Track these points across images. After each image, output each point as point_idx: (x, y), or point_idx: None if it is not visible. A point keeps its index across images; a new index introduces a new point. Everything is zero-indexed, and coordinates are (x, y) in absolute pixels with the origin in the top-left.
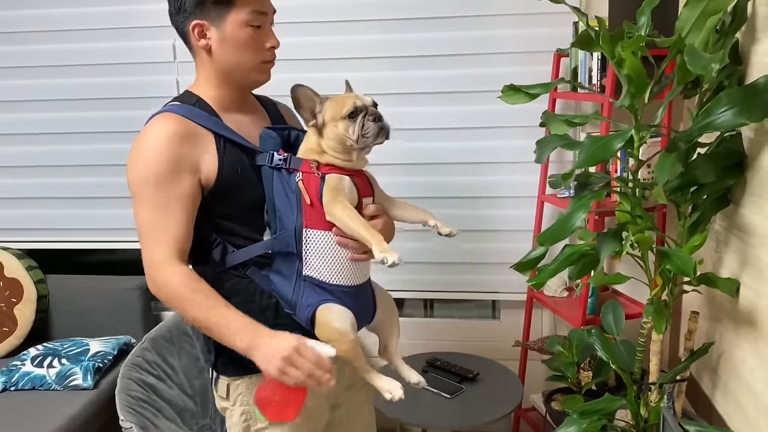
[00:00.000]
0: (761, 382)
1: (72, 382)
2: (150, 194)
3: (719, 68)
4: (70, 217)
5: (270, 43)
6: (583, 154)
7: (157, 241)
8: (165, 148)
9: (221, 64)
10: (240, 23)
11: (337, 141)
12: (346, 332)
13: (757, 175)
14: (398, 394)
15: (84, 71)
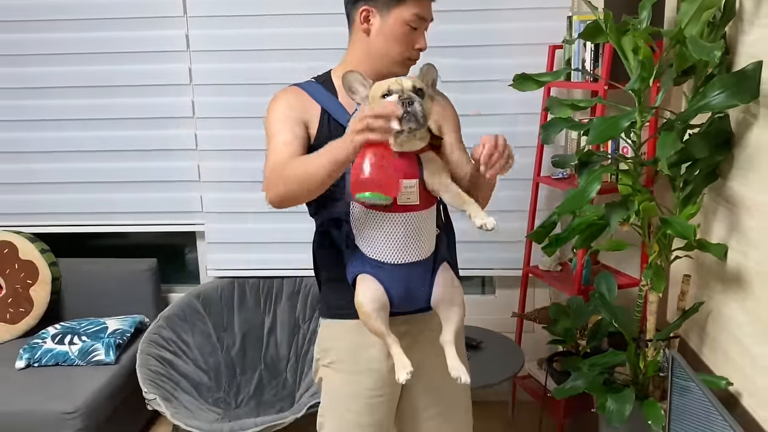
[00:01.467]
0: (749, 335)
1: (95, 358)
2: (276, 129)
3: (720, 55)
4: (80, 201)
5: (419, 45)
6: (594, 132)
7: (272, 160)
8: (281, 106)
9: (373, 48)
10: (402, 20)
11: None
12: (362, 304)
13: (744, 151)
14: (402, 377)
15: (96, 59)
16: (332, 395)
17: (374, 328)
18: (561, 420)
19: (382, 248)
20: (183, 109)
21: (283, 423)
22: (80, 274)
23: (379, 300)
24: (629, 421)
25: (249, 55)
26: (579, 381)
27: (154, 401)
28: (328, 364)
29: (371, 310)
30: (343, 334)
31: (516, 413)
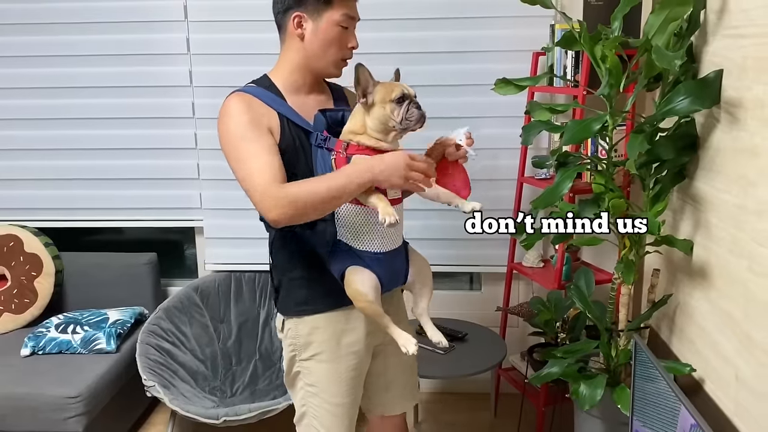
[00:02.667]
0: (711, 323)
1: (96, 346)
2: (243, 148)
3: (680, 63)
4: (83, 197)
5: (351, 44)
6: (568, 133)
7: (267, 180)
8: (242, 113)
9: (308, 52)
10: (333, 22)
11: (381, 121)
12: (365, 293)
13: (707, 153)
14: (412, 349)
15: (100, 61)
16: (314, 386)
17: (375, 313)
18: (541, 408)
19: (375, 240)
20: (183, 110)
21: (277, 409)
22: (82, 266)
23: (376, 287)
24: (602, 406)
25: (247, 58)
26: (554, 368)
27: (153, 388)
28: (309, 358)
29: (373, 297)
30: (323, 325)
31: (500, 404)
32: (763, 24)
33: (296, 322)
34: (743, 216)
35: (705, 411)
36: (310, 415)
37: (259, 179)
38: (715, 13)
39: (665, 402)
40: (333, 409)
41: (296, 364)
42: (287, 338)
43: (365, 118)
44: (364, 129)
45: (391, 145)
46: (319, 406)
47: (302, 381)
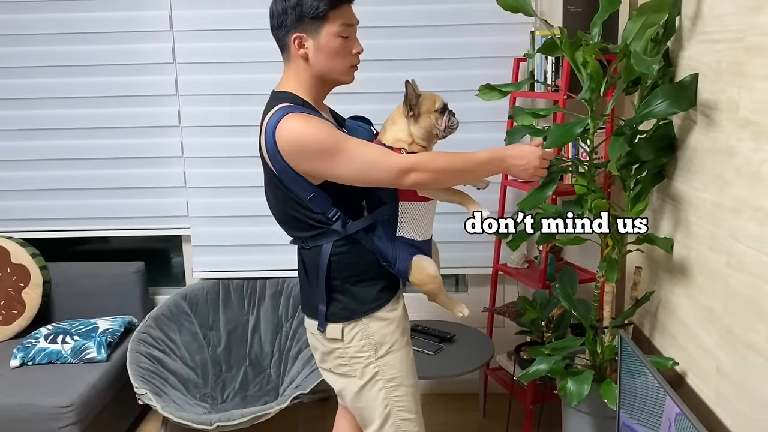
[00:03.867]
0: (692, 317)
1: (87, 356)
2: (346, 145)
3: (658, 68)
4: (70, 207)
5: (356, 50)
6: (551, 137)
7: (384, 154)
8: (318, 121)
9: (316, 69)
10: (332, 34)
11: (427, 130)
12: (437, 275)
13: (685, 153)
14: (466, 312)
15: (85, 71)
16: (396, 378)
17: (441, 290)
18: (528, 406)
19: (426, 229)
20: (169, 119)
21: (269, 414)
22: (70, 277)
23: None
24: (588, 401)
25: (232, 67)
26: (542, 365)
27: (144, 396)
28: (386, 353)
29: (441, 279)
30: (391, 315)
31: (489, 404)
32: (734, 30)
33: (366, 322)
34: (721, 214)
35: (688, 402)
36: (397, 409)
37: (384, 157)
38: (690, 20)
39: (651, 394)
40: (413, 390)
41: (372, 366)
42: (354, 342)
43: (410, 128)
44: (412, 138)
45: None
46: (404, 395)
47: (381, 381)
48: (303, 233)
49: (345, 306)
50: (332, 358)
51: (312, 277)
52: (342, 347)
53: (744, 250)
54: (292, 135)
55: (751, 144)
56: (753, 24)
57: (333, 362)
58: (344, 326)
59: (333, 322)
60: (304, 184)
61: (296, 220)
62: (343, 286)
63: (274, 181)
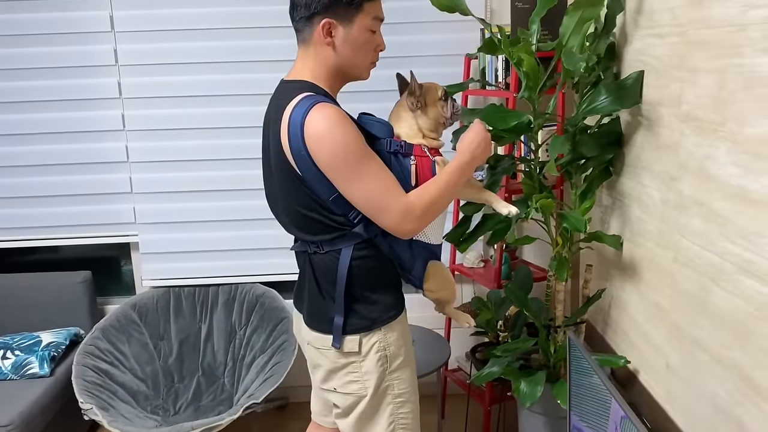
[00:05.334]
0: (641, 314)
1: (29, 371)
2: (367, 168)
3: (585, 66)
4: (11, 216)
5: (381, 47)
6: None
7: (395, 195)
8: (349, 127)
9: (341, 59)
10: (365, 27)
11: (435, 120)
12: (453, 283)
13: (632, 149)
14: (472, 322)
15: (23, 74)
16: (404, 393)
17: (454, 296)
18: (487, 407)
19: (440, 232)
20: (113, 122)
21: (221, 425)
22: (13, 288)
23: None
24: (543, 402)
25: (176, 68)
26: (495, 367)
27: (90, 410)
28: (397, 367)
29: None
30: (404, 327)
31: (447, 405)
32: (675, 24)
33: (385, 332)
34: (667, 210)
35: (639, 401)
36: (401, 427)
37: (392, 197)
38: (635, 14)
39: (599, 396)
40: (416, 408)
41: (385, 379)
42: (372, 354)
43: (417, 121)
44: (422, 132)
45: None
46: (410, 413)
47: (390, 396)
48: (320, 236)
49: (364, 315)
50: (341, 375)
51: (326, 285)
52: (357, 361)
53: (689, 246)
54: (321, 128)
55: (694, 139)
56: (695, 17)
57: (341, 380)
58: (362, 337)
59: (350, 334)
60: (327, 183)
61: (313, 222)
62: (363, 294)
63: (292, 178)
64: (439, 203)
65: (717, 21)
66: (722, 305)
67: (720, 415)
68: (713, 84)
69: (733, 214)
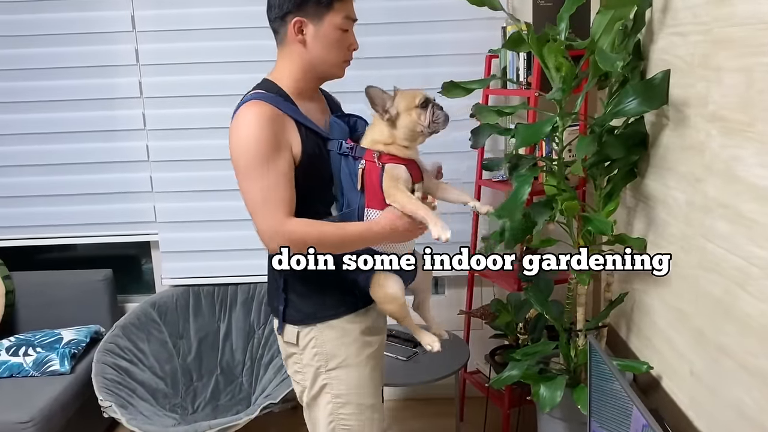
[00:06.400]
0: (665, 319)
1: (50, 368)
2: (258, 172)
3: (622, 65)
4: (34, 215)
5: (353, 46)
6: (519, 137)
7: (271, 210)
8: (262, 129)
9: (312, 57)
10: (334, 25)
11: (409, 129)
12: (398, 296)
13: (657, 151)
14: (437, 347)
15: (47, 74)
16: (345, 395)
17: (403, 314)
18: (506, 411)
19: (399, 245)
20: (134, 122)
21: (238, 424)
22: (35, 286)
23: (403, 290)
24: (563, 407)
25: (197, 68)
26: (514, 371)
27: (109, 408)
28: (336, 366)
29: (404, 299)
30: (348, 329)
31: (466, 408)
32: (702, 22)
33: (321, 329)
34: (692, 213)
35: (662, 407)
36: (342, 428)
37: (268, 209)
38: (661, 12)
39: (620, 402)
40: (367, 412)
41: (322, 377)
42: (308, 349)
43: (391, 131)
44: (393, 139)
45: (414, 154)
46: (353, 414)
47: (329, 394)
48: None
49: (299, 308)
50: (290, 364)
51: (271, 272)
52: (298, 353)
53: (714, 249)
54: (236, 123)
55: (720, 140)
56: (718, 15)
57: (291, 368)
58: (299, 330)
59: (289, 324)
60: None
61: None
62: (296, 287)
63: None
64: (320, 246)
65: (742, 19)
66: (749, 310)
67: (745, 422)
68: (740, 83)
69: (761, 216)
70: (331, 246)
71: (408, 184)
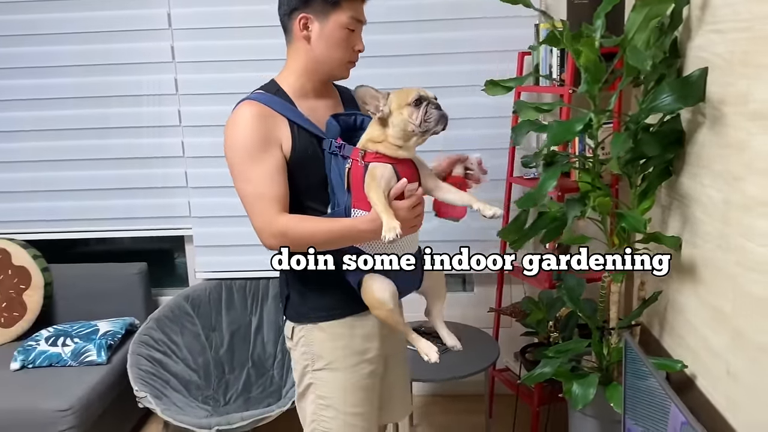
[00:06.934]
0: (700, 318)
1: (87, 358)
2: (249, 170)
3: (652, 63)
4: (71, 208)
5: (358, 47)
6: (551, 135)
7: (264, 207)
8: (252, 128)
9: (315, 54)
10: (340, 24)
11: (401, 127)
12: (385, 302)
13: (693, 148)
14: (434, 357)
15: (86, 71)
16: (328, 397)
17: (395, 321)
18: (535, 408)
19: (390, 246)
20: (170, 118)
21: (270, 417)
22: (72, 278)
23: (395, 295)
24: (595, 405)
25: (232, 65)
26: (546, 368)
27: (144, 399)
28: (322, 368)
29: (393, 305)
30: (338, 332)
31: (495, 405)
32: (743, 19)
33: (311, 329)
34: (730, 211)
35: (697, 407)
36: (321, 429)
37: (261, 205)
38: (699, 9)
39: (656, 400)
40: (349, 419)
41: (308, 375)
42: (299, 347)
43: (383, 130)
44: (384, 137)
45: (408, 153)
46: (334, 418)
47: (314, 393)
48: None
49: (295, 306)
50: (292, 354)
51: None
52: (292, 348)
53: (754, 248)
54: (229, 122)
55: (762, 138)
56: (760, 13)
57: (292, 359)
58: (294, 326)
59: (288, 319)
60: None
61: None
62: (296, 285)
63: None
64: (311, 241)
65: None
66: None
67: None
68: None
69: None
70: (322, 242)
71: (392, 183)
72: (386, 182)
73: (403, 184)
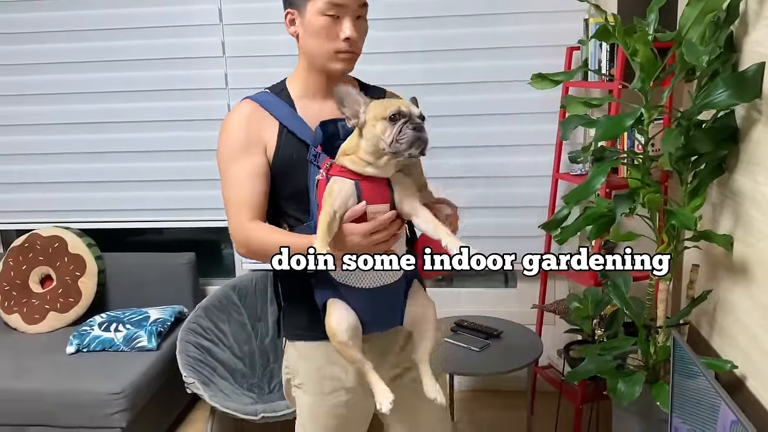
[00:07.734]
0: (752, 318)
1: (138, 344)
2: (228, 170)
3: (708, 59)
4: (124, 199)
5: (344, 34)
6: (600, 129)
7: (238, 211)
8: (238, 128)
9: (305, 49)
10: (316, 12)
11: (372, 142)
12: (338, 333)
13: (748, 145)
14: (385, 407)
15: (138, 66)
16: (307, 414)
17: (349, 356)
18: (578, 406)
19: (354, 273)
20: (219, 112)
21: None
22: (124, 267)
23: (353, 327)
24: (640, 403)
25: (282, 60)
26: (591, 365)
27: (192, 385)
28: (298, 385)
29: (347, 339)
30: (309, 355)
31: (537, 402)
32: None
33: (289, 346)
34: None
35: (747, 408)
36: None
37: (232, 209)
38: (756, 3)
39: (705, 399)
40: None
41: (292, 388)
42: (284, 359)
43: (359, 141)
44: (356, 150)
45: (380, 172)
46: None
47: (297, 406)
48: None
49: (284, 318)
50: None
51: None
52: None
53: None
54: (223, 122)
55: None
56: None
57: None
58: (285, 339)
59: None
60: None
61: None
62: (284, 296)
63: None
64: (263, 252)
65: None
66: None
67: None
68: None
69: None
70: (271, 250)
71: (349, 203)
72: (342, 200)
73: (361, 207)
